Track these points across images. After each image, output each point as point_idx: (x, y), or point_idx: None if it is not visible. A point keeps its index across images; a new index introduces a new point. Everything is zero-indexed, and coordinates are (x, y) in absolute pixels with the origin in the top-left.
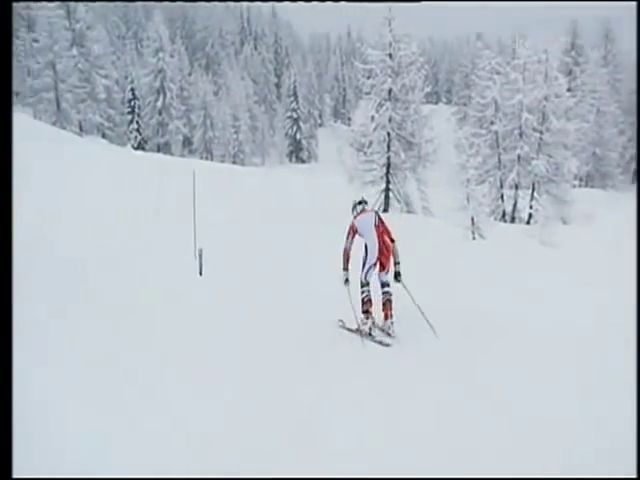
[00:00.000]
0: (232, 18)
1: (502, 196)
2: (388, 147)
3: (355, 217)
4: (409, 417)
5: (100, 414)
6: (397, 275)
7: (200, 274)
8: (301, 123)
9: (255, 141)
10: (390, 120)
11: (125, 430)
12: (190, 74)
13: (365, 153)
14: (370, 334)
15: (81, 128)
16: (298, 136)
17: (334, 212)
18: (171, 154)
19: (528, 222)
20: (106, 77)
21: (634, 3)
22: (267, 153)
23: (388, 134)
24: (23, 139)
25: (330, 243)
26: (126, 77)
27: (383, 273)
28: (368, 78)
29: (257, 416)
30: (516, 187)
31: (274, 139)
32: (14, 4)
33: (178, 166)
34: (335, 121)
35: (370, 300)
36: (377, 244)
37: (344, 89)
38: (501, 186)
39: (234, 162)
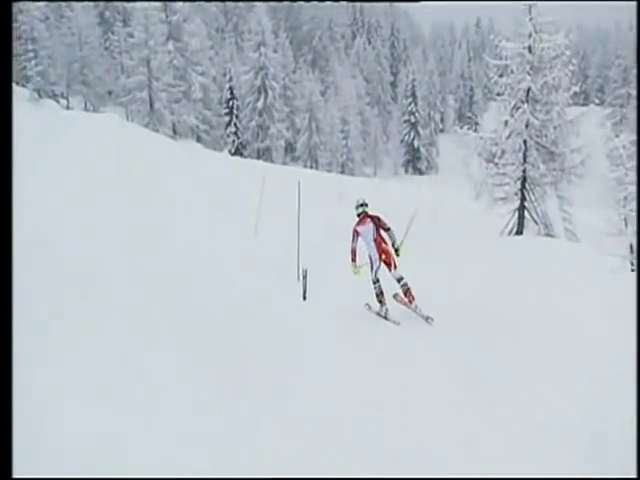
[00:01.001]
0: (343, 8)
1: None
2: (524, 158)
3: (357, 223)
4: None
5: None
6: (397, 250)
7: (304, 298)
8: (420, 128)
9: (366, 148)
10: (527, 125)
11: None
12: (295, 71)
13: (496, 164)
14: (386, 317)
15: (175, 130)
16: (416, 143)
17: (456, 233)
18: (272, 161)
19: None
20: (203, 74)
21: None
22: (380, 162)
23: (525, 142)
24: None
25: (455, 271)
26: (224, 74)
27: (393, 272)
28: (501, 76)
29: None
30: None
31: (388, 146)
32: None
33: (280, 174)
34: (460, 126)
35: (382, 292)
36: (377, 254)
37: (471, 89)
38: None
39: (342, 171)
